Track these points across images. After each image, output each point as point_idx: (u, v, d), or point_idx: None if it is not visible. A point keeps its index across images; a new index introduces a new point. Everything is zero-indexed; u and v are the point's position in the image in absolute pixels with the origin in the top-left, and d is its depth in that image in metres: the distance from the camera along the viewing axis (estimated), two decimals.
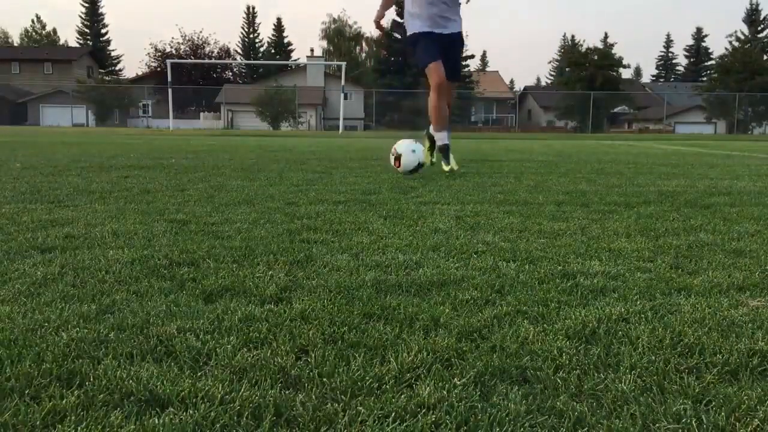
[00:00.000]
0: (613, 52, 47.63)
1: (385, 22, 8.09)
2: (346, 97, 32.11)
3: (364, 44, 68.48)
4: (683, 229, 2.77)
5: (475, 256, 2.20)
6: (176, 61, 43.60)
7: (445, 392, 1.13)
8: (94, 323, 1.46)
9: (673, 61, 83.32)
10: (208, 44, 60.85)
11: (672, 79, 78.56)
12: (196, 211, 3.14)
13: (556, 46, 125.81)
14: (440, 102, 5.43)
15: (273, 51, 69.12)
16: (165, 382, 1.15)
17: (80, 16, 70.29)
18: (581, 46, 56.00)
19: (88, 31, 70.36)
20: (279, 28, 70.46)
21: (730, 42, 51.61)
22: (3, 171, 5.24)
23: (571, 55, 52.34)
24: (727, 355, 1.30)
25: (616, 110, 50.27)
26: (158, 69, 55.09)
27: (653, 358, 1.30)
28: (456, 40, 5.50)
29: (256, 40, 70.34)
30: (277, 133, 28.06)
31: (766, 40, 56.40)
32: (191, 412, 1.05)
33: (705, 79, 66.20)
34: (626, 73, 58.90)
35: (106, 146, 10.42)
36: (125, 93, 47.82)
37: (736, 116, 43.47)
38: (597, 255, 2.24)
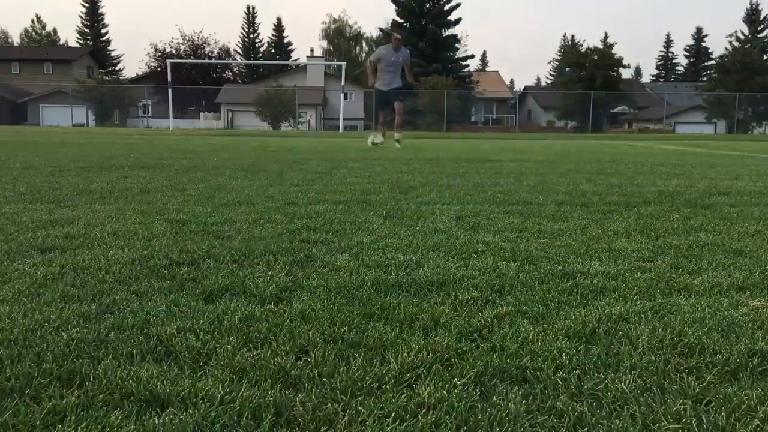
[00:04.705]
0: (613, 52, 47.61)
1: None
2: (346, 97, 32.08)
3: (364, 44, 68.47)
4: (683, 229, 2.77)
5: (475, 256, 2.20)
6: (176, 61, 43.57)
7: (445, 392, 1.13)
8: (94, 323, 1.46)
9: (673, 61, 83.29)
10: (208, 44, 60.72)
11: (672, 79, 78.53)
12: (196, 211, 3.14)
13: (556, 46, 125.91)
14: (382, 119, 11.62)
15: (273, 51, 69.07)
16: (165, 382, 1.15)
17: (80, 16, 70.25)
18: (581, 46, 55.99)
19: (88, 31, 70.31)
20: (279, 28, 70.42)
21: (730, 42, 51.57)
22: (3, 171, 5.23)
23: (571, 55, 52.30)
24: (727, 355, 1.30)
25: (616, 110, 50.25)
26: (158, 69, 55.00)
27: (653, 358, 1.30)
28: (395, 88, 11.30)
29: (256, 40, 70.31)
30: (277, 133, 28.06)
31: (766, 40, 56.33)
32: (191, 412, 1.05)
33: (705, 79, 66.17)
34: (626, 73, 58.87)
35: (106, 146, 10.42)
36: (125, 93, 47.71)
37: (736, 116, 43.42)
38: (597, 255, 2.24)
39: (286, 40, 70.70)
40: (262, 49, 70.25)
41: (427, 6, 50.76)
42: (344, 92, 29.61)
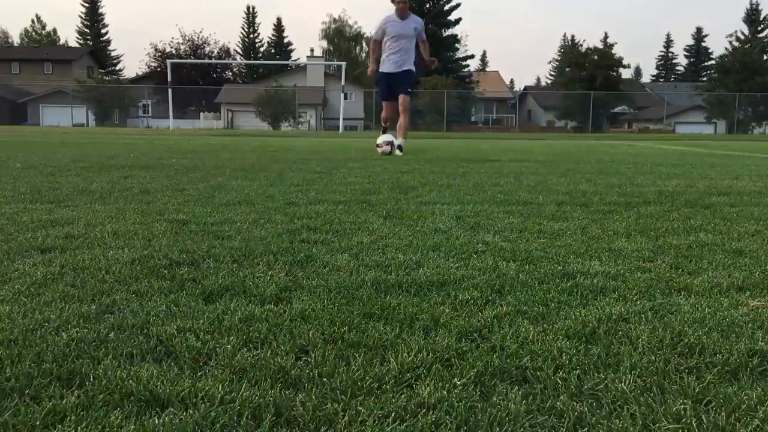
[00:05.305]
0: (613, 52, 47.63)
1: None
2: (346, 97, 32.07)
3: (364, 44, 68.43)
4: (683, 229, 2.77)
5: (475, 256, 2.20)
6: (176, 61, 43.61)
7: (445, 392, 1.13)
8: (94, 323, 1.46)
9: (673, 61, 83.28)
10: (208, 44, 60.74)
11: (672, 79, 78.52)
12: (196, 211, 3.14)
13: (556, 46, 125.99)
14: (386, 114, 8.85)
15: (273, 51, 69.06)
16: (165, 382, 1.15)
17: (80, 16, 70.29)
18: (581, 46, 56.07)
19: (88, 31, 70.31)
20: (279, 28, 70.43)
21: (730, 42, 51.58)
22: (3, 171, 5.23)
23: (571, 55, 52.32)
24: (727, 355, 1.30)
25: (616, 110, 50.28)
26: (158, 69, 55.01)
27: (653, 358, 1.30)
28: (406, 71, 8.45)
29: (256, 40, 70.30)
30: (277, 133, 28.06)
31: (766, 40, 56.30)
32: (191, 412, 1.05)
33: (705, 79, 66.15)
34: (626, 73, 58.86)
35: (106, 146, 10.42)
36: (125, 93, 47.69)
37: (736, 116, 43.42)
38: (597, 255, 2.24)
39: (286, 40, 70.75)
40: (262, 49, 70.25)
41: (427, 6, 50.77)
42: (344, 92, 29.62)
